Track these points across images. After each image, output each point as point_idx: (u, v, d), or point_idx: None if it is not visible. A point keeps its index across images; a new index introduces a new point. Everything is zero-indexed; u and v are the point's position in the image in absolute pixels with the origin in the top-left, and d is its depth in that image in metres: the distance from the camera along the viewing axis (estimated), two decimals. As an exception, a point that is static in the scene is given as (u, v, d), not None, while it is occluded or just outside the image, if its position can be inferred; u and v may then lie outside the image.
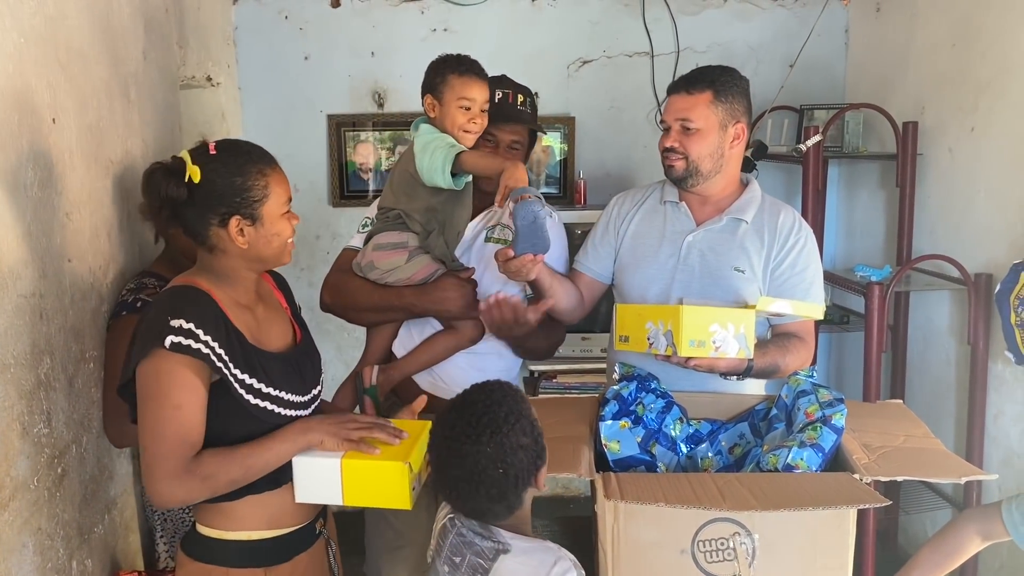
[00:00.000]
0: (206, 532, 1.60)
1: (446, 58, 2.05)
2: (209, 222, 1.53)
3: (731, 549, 1.47)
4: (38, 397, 1.58)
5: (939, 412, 3.03)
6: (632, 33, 3.58)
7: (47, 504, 1.61)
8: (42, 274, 1.61)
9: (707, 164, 2.01)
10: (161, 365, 1.46)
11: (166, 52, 2.46)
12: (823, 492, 1.48)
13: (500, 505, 1.40)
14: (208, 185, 1.51)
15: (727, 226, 2.05)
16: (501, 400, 1.42)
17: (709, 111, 1.97)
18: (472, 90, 1.99)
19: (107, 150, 1.97)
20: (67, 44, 1.76)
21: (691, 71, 2.05)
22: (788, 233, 2.03)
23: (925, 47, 3.11)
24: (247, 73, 3.53)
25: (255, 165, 1.55)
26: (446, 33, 3.54)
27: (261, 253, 1.58)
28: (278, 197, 1.57)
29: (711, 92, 1.97)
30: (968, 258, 2.77)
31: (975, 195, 2.84)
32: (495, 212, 2.20)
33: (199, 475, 1.47)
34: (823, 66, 3.62)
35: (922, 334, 3.13)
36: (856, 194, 3.59)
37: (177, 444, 1.46)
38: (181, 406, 1.47)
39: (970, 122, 2.85)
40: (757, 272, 2.02)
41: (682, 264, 2.05)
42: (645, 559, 1.49)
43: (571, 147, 3.61)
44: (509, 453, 1.37)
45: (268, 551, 1.61)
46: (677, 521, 1.47)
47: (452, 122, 1.99)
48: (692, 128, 1.98)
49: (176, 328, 1.45)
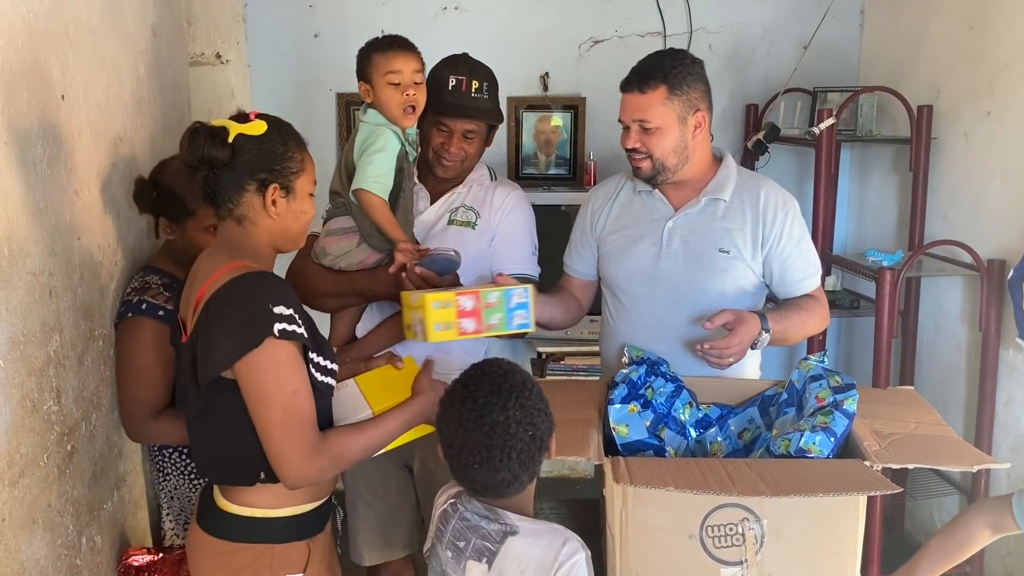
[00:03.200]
0: (244, 511, 1.57)
1: (370, 41, 2.01)
2: (245, 187, 1.53)
3: (740, 534, 1.47)
4: (47, 375, 1.59)
5: (949, 399, 3.02)
6: (644, 13, 3.54)
7: (56, 481, 1.61)
8: (51, 252, 1.61)
9: (672, 159, 1.97)
10: (275, 355, 1.45)
11: (175, 29, 2.45)
12: (833, 478, 1.47)
13: (527, 473, 1.42)
14: (250, 149, 1.51)
15: (706, 207, 2.02)
16: (512, 369, 1.46)
17: (665, 108, 1.91)
18: (396, 62, 1.94)
19: (116, 127, 1.97)
20: (76, 20, 1.75)
21: (640, 63, 1.97)
22: (775, 208, 2.00)
23: (941, 29, 3.07)
24: (256, 50, 3.51)
25: (293, 139, 1.58)
26: (456, 11, 3.51)
27: (288, 228, 1.58)
28: (310, 175, 1.60)
29: (665, 87, 1.91)
30: (981, 244, 2.75)
31: (990, 180, 2.81)
32: (457, 194, 2.19)
33: (329, 454, 1.50)
34: (837, 48, 3.57)
35: (933, 320, 3.12)
36: (868, 178, 3.56)
37: (305, 427, 1.48)
38: (299, 390, 1.48)
39: (986, 106, 2.82)
40: (744, 251, 2.00)
41: (665, 251, 2.03)
42: (653, 543, 1.49)
43: (581, 128, 3.58)
44: (535, 415, 1.41)
45: (310, 523, 1.62)
46: (686, 506, 1.46)
47: (388, 103, 1.95)
48: (651, 128, 1.93)
49: (279, 315, 1.45)
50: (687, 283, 2.01)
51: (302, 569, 1.58)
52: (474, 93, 2.11)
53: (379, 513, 2.28)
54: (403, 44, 1.98)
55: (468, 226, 2.17)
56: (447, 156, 2.13)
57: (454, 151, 2.12)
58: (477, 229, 2.17)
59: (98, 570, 1.79)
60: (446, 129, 2.11)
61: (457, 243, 2.08)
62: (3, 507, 1.42)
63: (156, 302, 1.87)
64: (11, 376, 1.45)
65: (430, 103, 2.10)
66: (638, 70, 1.95)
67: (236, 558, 1.56)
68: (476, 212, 2.19)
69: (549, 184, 3.55)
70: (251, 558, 1.56)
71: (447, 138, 2.11)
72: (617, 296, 2.12)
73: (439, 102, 2.09)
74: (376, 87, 1.96)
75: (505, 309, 1.77)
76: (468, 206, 2.19)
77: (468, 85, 2.10)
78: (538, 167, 3.62)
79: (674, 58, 1.95)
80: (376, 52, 1.97)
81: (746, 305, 2.00)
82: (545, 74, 3.57)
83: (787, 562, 1.49)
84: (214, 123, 1.56)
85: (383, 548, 2.32)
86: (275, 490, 1.56)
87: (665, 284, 2.03)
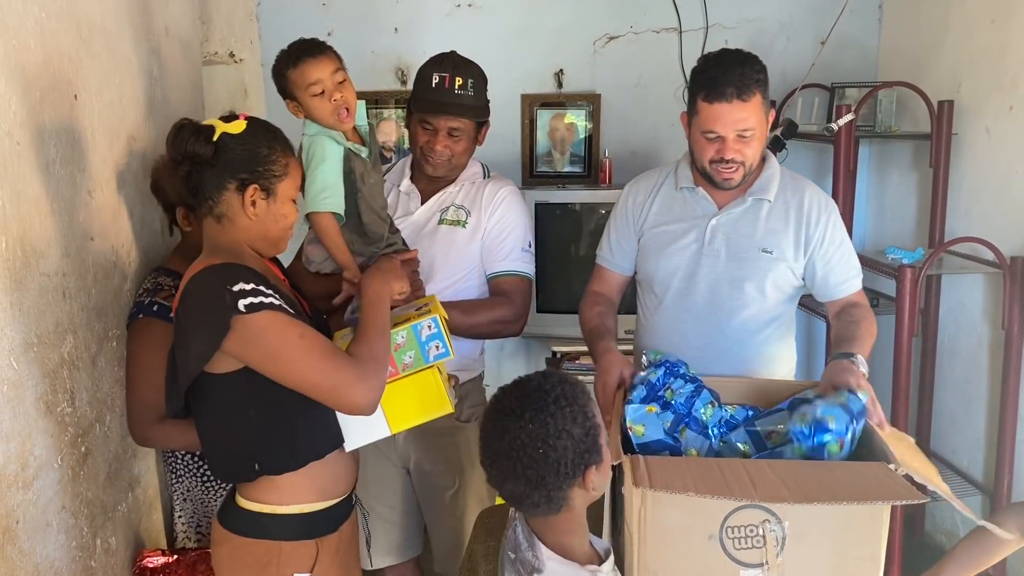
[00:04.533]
0: (256, 507, 1.59)
1: (279, 58, 1.86)
2: (225, 186, 1.53)
3: (760, 536, 1.44)
4: (61, 376, 1.58)
5: (971, 397, 2.98)
6: (660, 8, 3.50)
7: (71, 483, 1.61)
8: (65, 252, 1.60)
9: (757, 159, 1.97)
10: (255, 324, 1.45)
11: (189, 28, 2.44)
12: (859, 484, 1.44)
13: (538, 493, 1.34)
14: (234, 148, 1.52)
15: (751, 207, 2.02)
16: (556, 385, 1.36)
17: (762, 113, 1.90)
18: (311, 72, 1.80)
19: (129, 127, 1.96)
20: (89, 20, 1.74)
21: (722, 71, 1.88)
22: (819, 211, 2.01)
23: (962, 23, 3.02)
24: (270, 49, 3.47)
25: (280, 144, 1.59)
26: (470, 9, 3.49)
27: (267, 230, 1.58)
28: (293, 181, 1.61)
29: (760, 93, 1.88)
30: (1004, 241, 2.71)
31: (1013, 176, 2.76)
32: (449, 193, 2.19)
33: (365, 357, 1.53)
34: (855, 43, 3.53)
35: (954, 318, 3.07)
36: (888, 174, 3.51)
37: (335, 355, 1.51)
38: (304, 333, 1.50)
39: (1009, 101, 2.77)
40: (786, 252, 2.00)
41: (707, 248, 2.02)
42: (672, 544, 1.46)
43: (596, 125, 3.55)
44: (552, 435, 1.31)
45: (320, 523, 1.61)
46: (706, 507, 1.43)
47: (319, 114, 1.82)
48: (750, 135, 1.90)
49: (240, 292, 1.45)
50: (728, 281, 2.01)
51: (309, 569, 1.59)
52: (457, 90, 2.08)
53: (381, 516, 2.26)
54: (311, 50, 1.83)
55: (458, 225, 2.16)
56: (433, 155, 2.12)
57: (439, 149, 2.10)
58: (468, 227, 2.16)
59: (113, 572, 1.79)
60: (430, 127, 2.10)
61: (447, 242, 2.11)
62: (17, 509, 1.41)
63: (167, 303, 1.86)
64: (25, 378, 1.45)
65: (414, 101, 2.10)
66: (729, 80, 1.85)
67: (246, 552, 1.58)
68: (467, 211, 2.18)
69: (564, 182, 3.53)
70: (260, 553, 1.57)
71: (432, 136, 2.10)
72: (654, 292, 2.11)
73: (422, 100, 2.08)
74: (302, 102, 1.83)
75: (417, 345, 1.66)
76: (459, 205, 2.17)
77: (451, 82, 2.08)
78: (552, 165, 3.59)
79: (755, 61, 1.91)
80: (288, 68, 1.82)
81: (779, 310, 2.03)
82: (560, 71, 3.54)
83: (809, 565, 1.46)
84: (204, 122, 1.56)
85: (388, 552, 2.30)
86: (283, 487, 1.57)
87: (704, 281, 2.02)
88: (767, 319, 2.04)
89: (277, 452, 1.55)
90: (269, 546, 1.57)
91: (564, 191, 3.32)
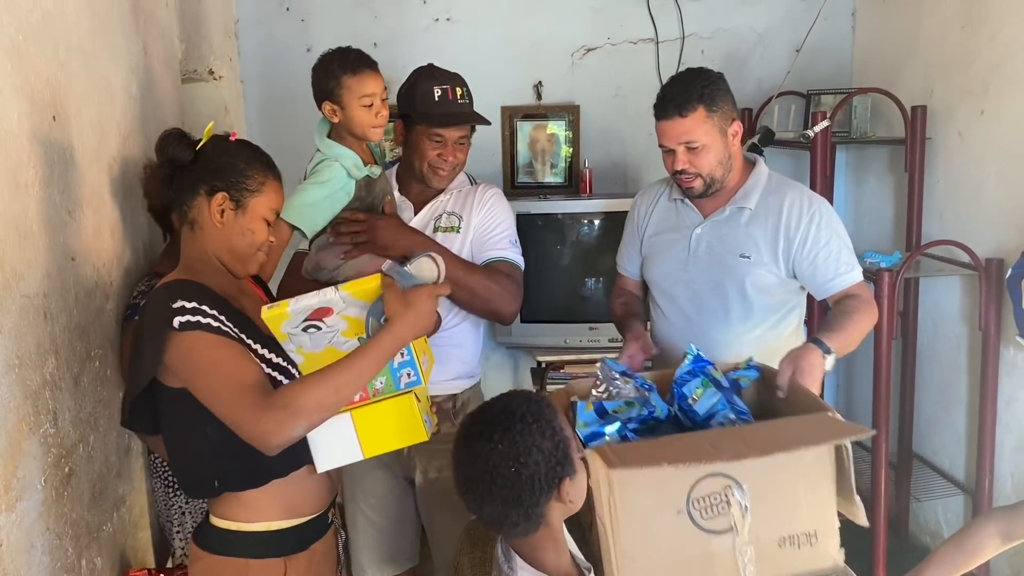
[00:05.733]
0: (223, 524, 1.60)
1: (331, 59, 1.96)
2: (198, 189, 1.59)
3: (724, 503, 1.48)
4: (44, 397, 1.58)
5: (950, 399, 3.01)
6: (636, 19, 3.54)
7: (55, 504, 1.60)
8: (45, 273, 1.60)
9: (719, 171, 2.07)
10: (185, 344, 1.47)
11: (167, 46, 2.45)
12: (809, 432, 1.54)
13: (516, 512, 1.35)
14: (212, 157, 1.59)
15: (732, 215, 2.12)
16: (520, 404, 1.38)
17: (707, 126, 2.00)
18: (370, 86, 1.92)
19: (109, 147, 1.96)
20: (66, 40, 1.75)
21: (668, 89, 2.04)
22: (799, 215, 2.07)
23: (933, 30, 3.07)
24: (249, 66, 3.50)
25: (261, 164, 1.63)
26: (449, 23, 3.51)
27: (233, 243, 1.60)
28: (269, 201, 1.63)
29: (703, 108, 1.99)
30: (979, 243, 2.75)
31: (985, 179, 2.81)
32: (440, 201, 2.24)
33: (279, 404, 1.45)
34: (830, 50, 3.57)
35: (932, 320, 3.11)
36: (864, 180, 3.55)
37: (242, 388, 1.46)
38: (221, 361, 1.48)
39: (980, 105, 2.81)
40: (764, 256, 2.09)
41: (692, 257, 2.15)
42: (643, 525, 1.48)
43: (576, 135, 3.58)
44: (523, 452, 1.33)
45: (288, 541, 1.61)
46: (670, 482, 1.47)
47: (359, 124, 1.93)
48: (697, 146, 2.01)
49: (180, 309, 1.47)
50: (711, 286, 2.12)
51: None
52: (460, 100, 2.14)
53: (380, 527, 2.28)
54: (371, 64, 1.96)
55: (453, 231, 2.22)
56: (443, 166, 2.16)
57: (451, 160, 2.16)
58: (462, 232, 2.22)
59: (98, 592, 1.78)
60: (440, 140, 2.14)
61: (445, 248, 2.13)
62: (1, 531, 1.41)
63: None
64: (6, 399, 1.45)
65: (420, 117, 2.12)
66: (671, 97, 2.01)
67: (216, 570, 1.59)
68: (459, 216, 2.23)
69: (545, 193, 3.55)
70: (228, 571, 1.58)
71: (443, 148, 2.14)
72: (655, 297, 2.26)
73: (431, 115, 2.11)
74: (348, 108, 1.93)
75: (389, 371, 1.63)
76: (451, 212, 2.23)
77: (453, 93, 2.13)
78: (534, 176, 3.62)
79: (703, 79, 2.03)
80: (347, 75, 1.92)
81: (770, 308, 2.12)
82: (539, 83, 3.57)
83: (770, 521, 1.51)
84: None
85: (385, 562, 2.32)
86: (249, 505, 1.58)
87: (691, 287, 2.15)
88: (757, 318, 2.13)
89: (235, 469, 1.56)
90: (237, 564, 1.58)
91: (546, 202, 3.34)
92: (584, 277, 3.35)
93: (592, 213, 3.31)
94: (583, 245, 3.36)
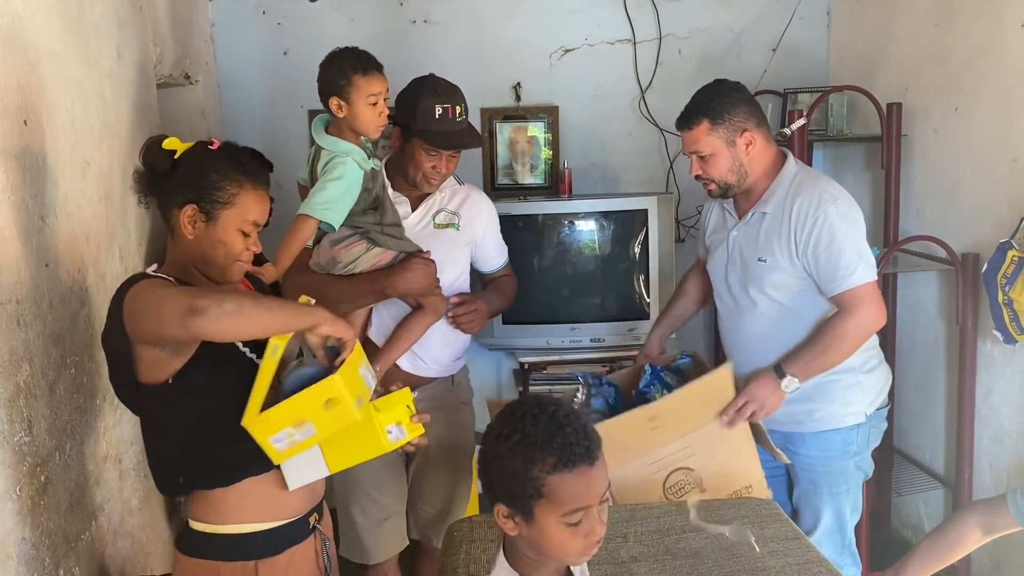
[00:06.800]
0: (198, 527, 1.61)
1: (341, 57, 2.09)
2: (173, 201, 1.60)
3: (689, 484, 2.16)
4: (18, 405, 1.55)
5: (929, 392, 3.04)
6: (613, 20, 3.55)
7: (31, 513, 1.58)
8: (18, 280, 1.58)
9: (732, 178, 2.20)
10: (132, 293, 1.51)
11: (142, 50, 2.42)
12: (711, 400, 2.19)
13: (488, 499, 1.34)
14: (186, 168, 1.60)
15: (755, 220, 2.25)
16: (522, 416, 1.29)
17: (711, 138, 2.15)
18: (376, 86, 2.06)
19: (82, 152, 1.94)
20: (37, 44, 1.73)
21: (689, 102, 2.20)
22: (805, 216, 2.16)
23: (907, 27, 3.10)
24: (226, 70, 3.48)
25: (237, 174, 1.61)
26: (426, 24, 3.51)
27: (206, 254, 1.62)
28: (243, 212, 1.61)
29: (707, 121, 2.14)
30: (955, 238, 2.77)
31: (961, 175, 2.83)
32: (435, 199, 2.37)
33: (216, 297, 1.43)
34: (806, 49, 3.60)
35: (911, 315, 3.13)
36: (842, 177, 3.56)
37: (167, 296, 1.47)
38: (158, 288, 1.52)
39: (954, 102, 2.84)
40: (780, 260, 2.19)
41: (730, 258, 2.31)
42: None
43: (555, 136, 3.58)
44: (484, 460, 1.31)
45: (259, 544, 1.61)
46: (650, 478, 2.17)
47: (364, 121, 2.07)
48: (705, 155, 2.18)
49: (141, 275, 1.56)
50: (741, 287, 2.29)
51: None
52: (458, 119, 2.25)
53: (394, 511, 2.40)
54: (379, 66, 2.09)
55: (452, 227, 2.38)
56: (437, 177, 2.29)
57: (444, 172, 2.29)
58: (461, 229, 2.39)
59: (77, 602, 1.76)
60: (437, 154, 2.25)
61: (442, 240, 2.33)
62: (-25, 542, 1.39)
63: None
64: (-21, 408, 1.43)
65: (418, 133, 2.21)
66: (685, 109, 2.20)
67: (189, 572, 1.61)
68: (457, 214, 2.39)
69: (525, 194, 3.55)
70: (201, 573, 1.59)
71: (438, 161, 2.26)
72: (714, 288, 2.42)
73: (430, 132, 2.20)
74: (355, 106, 2.05)
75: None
76: (448, 210, 2.39)
77: (453, 112, 2.24)
78: (514, 177, 3.61)
79: (714, 90, 2.19)
80: (358, 74, 2.04)
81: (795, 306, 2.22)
82: (517, 84, 3.57)
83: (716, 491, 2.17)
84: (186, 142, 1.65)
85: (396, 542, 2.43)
86: (219, 507, 1.59)
87: (730, 287, 2.32)
88: (783, 315, 2.23)
89: (200, 466, 1.58)
90: (208, 566, 1.59)
91: (526, 203, 3.34)
92: (565, 278, 3.35)
93: (572, 214, 3.31)
94: (564, 246, 3.36)
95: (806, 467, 2.30)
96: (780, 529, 2.00)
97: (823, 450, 2.27)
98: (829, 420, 2.25)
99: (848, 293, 2.13)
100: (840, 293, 2.14)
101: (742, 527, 1.92)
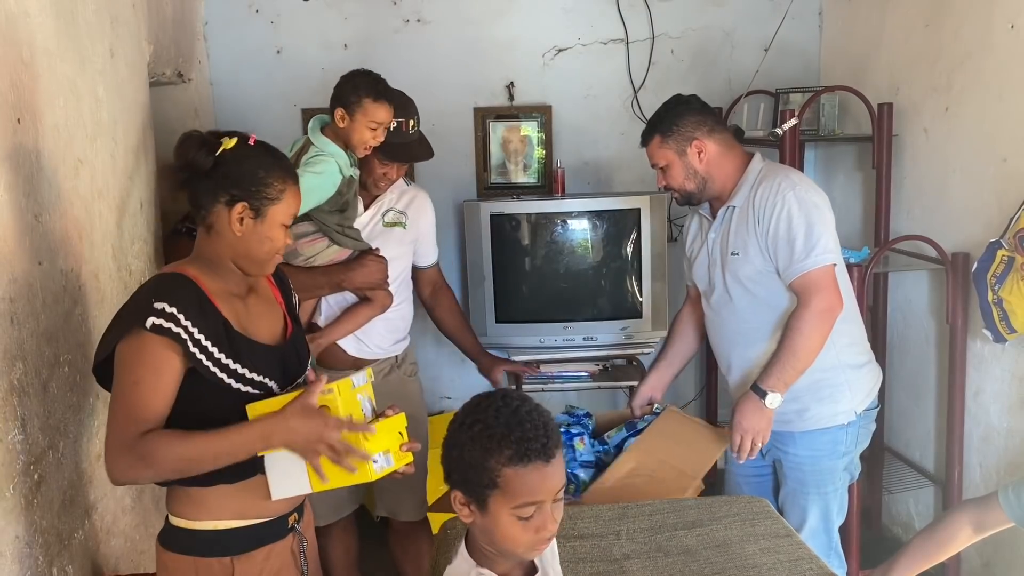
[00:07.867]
0: (177, 523, 1.61)
1: (362, 78, 2.23)
2: (218, 198, 1.58)
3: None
4: (11, 403, 1.55)
5: (920, 391, 3.06)
6: (606, 20, 3.56)
7: (24, 512, 1.58)
8: (11, 278, 1.58)
9: (691, 185, 2.29)
10: (139, 345, 1.49)
11: (134, 49, 2.42)
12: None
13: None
14: (233, 164, 1.57)
15: (727, 216, 2.30)
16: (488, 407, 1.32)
17: (663, 150, 2.27)
18: (382, 115, 2.22)
19: (76, 150, 1.94)
20: (30, 42, 1.73)
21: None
22: (764, 205, 2.21)
23: (898, 28, 3.11)
24: (219, 68, 3.48)
25: (281, 170, 1.63)
26: (419, 24, 3.51)
27: (251, 250, 1.61)
28: (287, 208, 1.63)
29: (657, 136, 2.27)
30: (945, 238, 2.79)
31: (951, 175, 2.85)
32: (385, 199, 2.53)
33: (137, 453, 1.46)
34: (798, 49, 3.62)
35: (902, 314, 3.15)
36: (833, 177, 3.60)
37: (125, 419, 1.48)
38: (139, 382, 1.49)
39: (944, 102, 2.86)
40: (749, 251, 2.22)
41: (711, 259, 2.34)
42: None
43: (548, 136, 3.59)
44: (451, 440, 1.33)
45: (236, 540, 1.61)
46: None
47: (359, 139, 2.23)
48: (662, 167, 2.30)
49: (159, 311, 1.48)
50: (723, 287, 2.31)
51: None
52: (411, 131, 2.40)
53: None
54: (388, 97, 2.23)
55: (399, 226, 2.54)
56: (387, 183, 2.47)
57: (394, 178, 2.47)
58: (408, 228, 2.55)
59: (70, 601, 1.76)
60: (389, 164, 2.41)
61: (389, 239, 2.48)
62: (-32, 540, 1.39)
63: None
64: (-27, 406, 1.43)
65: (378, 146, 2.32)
66: (645, 127, 2.33)
67: (171, 567, 1.61)
68: (404, 213, 2.55)
69: (518, 193, 3.55)
70: (180, 568, 1.59)
71: (389, 169, 2.42)
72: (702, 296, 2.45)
73: (385, 145, 2.31)
74: (355, 123, 2.21)
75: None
76: (396, 209, 2.55)
77: (407, 125, 2.38)
78: (507, 176, 3.62)
79: (664, 106, 2.30)
80: (368, 98, 2.19)
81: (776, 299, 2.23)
82: (510, 84, 3.58)
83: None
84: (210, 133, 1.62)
85: (333, 510, 2.54)
86: (199, 503, 1.59)
87: (714, 287, 2.34)
88: (763, 308, 2.25)
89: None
90: (186, 561, 1.59)
91: (519, 202, 3.35)
92: (558, 277, 3.36)
93: (565, 213, 3.32)
94: (557, 245, 3.37)
95: (795, 466, 2.31)
96: (771, 526, 2.01)
97: (812, 449, 2.28)
98: (819, 419, 2.26)
99: (803, 279, 2.14)
100: (796, 279, 2.15)
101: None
